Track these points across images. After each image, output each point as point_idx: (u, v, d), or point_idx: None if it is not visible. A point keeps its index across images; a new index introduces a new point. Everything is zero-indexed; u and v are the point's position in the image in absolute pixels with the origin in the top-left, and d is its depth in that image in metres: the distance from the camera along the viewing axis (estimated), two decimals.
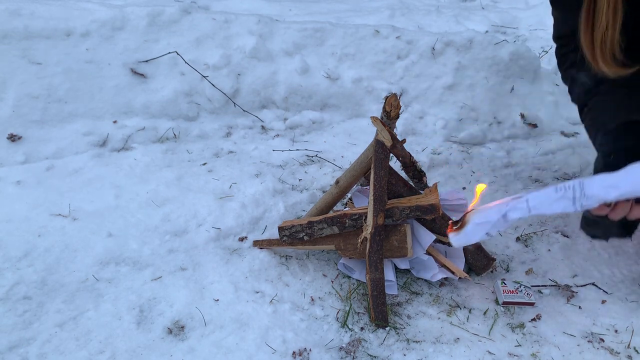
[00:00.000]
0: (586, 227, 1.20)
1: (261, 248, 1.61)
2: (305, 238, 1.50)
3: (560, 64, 1.54)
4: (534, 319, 1.41)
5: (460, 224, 1.25)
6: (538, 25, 3.90)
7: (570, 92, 1.52)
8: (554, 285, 1.54)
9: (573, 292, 1.51)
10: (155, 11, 2.43)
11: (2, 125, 2.02)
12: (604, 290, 1.51)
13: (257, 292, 1.45)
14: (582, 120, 1.45)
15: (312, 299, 1.45)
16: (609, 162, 1.20)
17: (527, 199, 1.15)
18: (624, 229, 1.16)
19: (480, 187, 1.26)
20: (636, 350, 1.31)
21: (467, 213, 1.30)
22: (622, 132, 1.27)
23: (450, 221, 1.27)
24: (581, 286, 1.53)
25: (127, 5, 2.48)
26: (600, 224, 1.16)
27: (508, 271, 1.60)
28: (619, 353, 1.31)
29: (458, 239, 1.28)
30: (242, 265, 1.54)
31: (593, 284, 1.54)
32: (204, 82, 2.36)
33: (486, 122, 2.48)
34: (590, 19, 1.23)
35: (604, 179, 1.08)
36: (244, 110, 2.40)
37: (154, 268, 1.52)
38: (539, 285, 1.53)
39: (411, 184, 1.51)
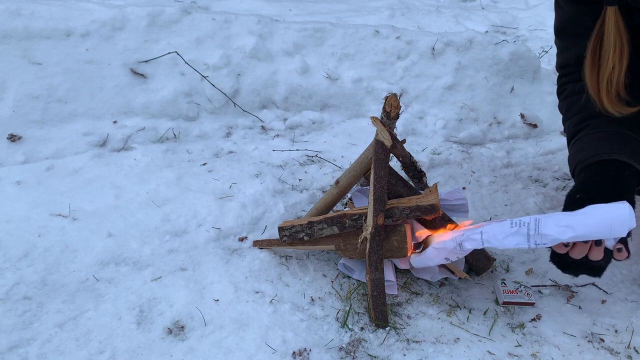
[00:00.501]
0: (554, 261, 1.18)
1: (261, 248, 1.61)
2: (305, 238, 1.50)
3: (559, 93, 1.53)
4: (534, 319, 1.41)
5: (422, 246, 1.28)
6: (538, 25, 3.90)
7: (563, 121, 1.51)
8: (554, 285, 1.54)
9: (573, 292, 1.51)
10: (155, 11, 2.43)
11: (2, 125, 2.03)
12: (604, 290, 1.51)
13: (257, 292, 1.45)
14: (569, 151, 1.42)
15: (312, 299, 1.45)
16: (574, 200, 1.18)
17: (482, 231, 1.16)
18: (591, 268, 1.13)
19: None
20: (636, 350, 1.31)
21: (428, 236, 1.32)
22: (597, 170, 1.23)
23: (414, 243, 1.30)
24: (581, 286, 1.53)
25: (127, 5, 2.48)
26: (566, 261, 1.13)
27: (508, 271, 1.60)
28: (619, 353, 1.31)
29: (419, 260, 1.31)
30: (242, 266, 1.54)
31: (593, 284, 1.53)
32: (204, 82, 2.36)
33: (486, 122, 2.48)
34: (596, 60, 1.22)
35: (561, 219, 1.06)
36: (244, 110, 2.40)
37: (154, 268, 1.52)
38: (539, 285, 1.53)
39: (411, 184, 1.51)
